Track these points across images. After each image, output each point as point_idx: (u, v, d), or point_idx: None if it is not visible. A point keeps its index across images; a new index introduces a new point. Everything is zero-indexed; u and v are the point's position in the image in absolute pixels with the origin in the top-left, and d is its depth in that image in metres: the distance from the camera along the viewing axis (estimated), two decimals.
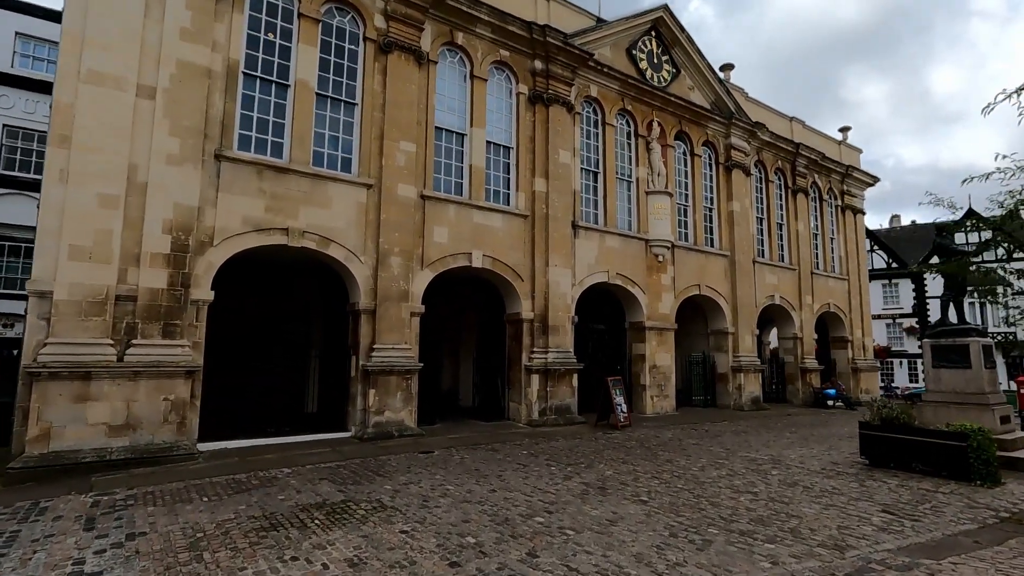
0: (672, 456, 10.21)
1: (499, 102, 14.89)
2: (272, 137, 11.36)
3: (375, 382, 11.64)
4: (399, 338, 12.12)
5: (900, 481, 8.38)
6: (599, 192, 16.77)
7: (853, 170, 25.43)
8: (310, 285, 15.74)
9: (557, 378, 14.34)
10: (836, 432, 14.03)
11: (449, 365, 19.60)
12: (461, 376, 19.16)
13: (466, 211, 13.63)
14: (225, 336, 14.64)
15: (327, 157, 12.00)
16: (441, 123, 13.70)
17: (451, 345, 19.53)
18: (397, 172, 12.49)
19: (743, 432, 13.62)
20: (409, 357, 12.14)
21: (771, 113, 22.49)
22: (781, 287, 21.61)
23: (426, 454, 10.09)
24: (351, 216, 11.92)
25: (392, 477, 8.23)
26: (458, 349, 19.25)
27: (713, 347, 19.82)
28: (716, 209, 20.02)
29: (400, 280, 12.27)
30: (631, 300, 17.17)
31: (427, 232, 12.95)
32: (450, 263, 13.26)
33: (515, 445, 11.19)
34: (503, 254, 14.13)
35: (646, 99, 17.86)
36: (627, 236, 16.91)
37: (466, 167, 13.99)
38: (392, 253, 12.23)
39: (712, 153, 20.17)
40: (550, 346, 14.42)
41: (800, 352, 22.11)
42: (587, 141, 16.75)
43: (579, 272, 15.59)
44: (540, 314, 14.55)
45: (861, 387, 24.28)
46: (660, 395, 17.18)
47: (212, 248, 10.34)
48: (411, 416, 12.04)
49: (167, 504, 6.81)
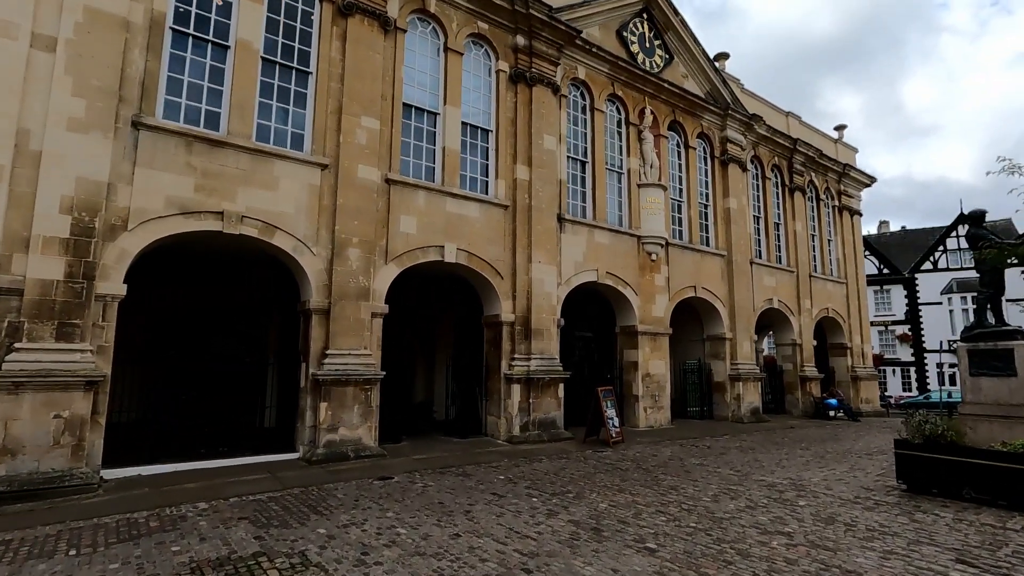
0: (676, 481, 8.64)
1: (477, 80, 13.36)
2: (207, 106, 9.67)
3: (327, 394, 9.92)
4: (357, 342, 10.43)
5: (955, 514, 6.90)
6: (587, 183, 15.29)
7: (850, 169, 24.37)
8: (268, 278, 13.96)
9: (541, 388, 12.73)
10: (852, 448, 12.60)
11: (423, 373, 17.91)
12: (437, 386, 17.45)
13: (438, 199, 12.02)
14: (160, 338, 12.85)
15: (274, 132, 10.34)
16: (410, 99, 12.12)
17: (426, 351, 17.86)
18: (357, 151, 10.86)
19: (750, 449, 12.12)
20: (369, 364, 10.45)
21: (767, 107, 21.30)
22: (779, 290, 20.30)
23: (383, 481, 8.40)
24: (301, 200, 10.25)
25: (332, 515, 6.53)
26: (433, 355, 17.57)
27: (709, 354, 18.38)
28: (712, 206, 18.67)
29: (359, 275, 10.60)
30: (622, 302, 15.66)
31: (392, 221, 11.32)
32: (419, 257, 11.62)
33: (491, 468, 9.54)
34: (480, 248, 12.53)
35: (638, 84, 16.48)
36: (618, 232, 15.43)
37: (438, 150, 12.40)
38: (350, 244, 10.57)
39: (707, 146, 18.86)
40: (533, 352, 12.83)
41: (799, 359, 20.78)
42: (574, 127, 15.28)
43: (565, 270, 14.05)
44: (522, 316, 12.96)
45: (861, 396, 23.02)
46: (654, 406, 15.65)
47: (126, 233, 8.59)
48: (370, 433, 10.33)
49: (16, 560, 5.06)
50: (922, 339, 36.96)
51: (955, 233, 37.45)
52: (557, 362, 13.26)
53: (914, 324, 37.30)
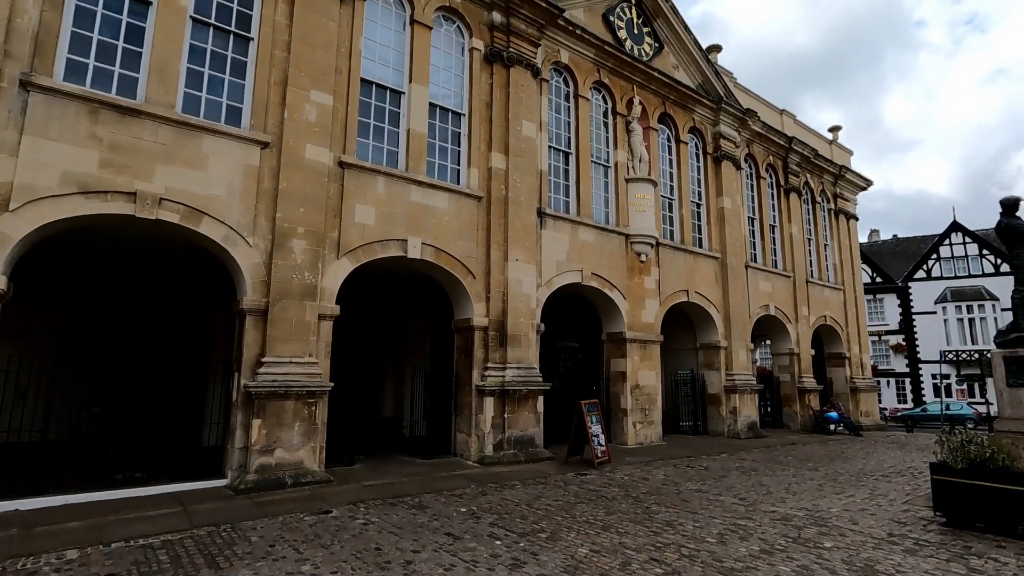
0: (672, 514, 7.22)
1: (448, 58, 12.05)
2: (121, 69, 8.23)
3: (262, 409, 8.40)
4: (300, 349, 8.94)
5: (1017, 559, 5.55)
6: (571, 176, 13.99)
7: (846, 171, 23.38)
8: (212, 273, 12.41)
9: (517, 401, 11.29)
10: (864, 468, 11.27)
11: (393, 385, 16.39)
12: (408, 398, 15.91)
13: (401, 186, 10.63)
14: (82, 342, 11.23)
15: (205, 102, 8.90)
16: (370, 75, 10.77)
17: (396, 360, 16.36)
18: (305, 129, 9.45)
19: (752, 470, 10.74)
20: (314, 374, 8.96)
21: (761, 103, 20.25)
22: (776, 296, 19.10)
23: (318, 516, 6.89)
24: (235, 182, 8.80)
25: (231, 568, 5.03)
26: (404, 365, 16.05)
27: (703, 364, 17.07)
28: (705, 205, 17.47)
29: (305, 271, 9.14)
30: (609, 306, 14.31)
31: (346, 210, 9.89)
32: (377, 252, 10.19)
33: (453, 497, 8.05)
34: (449, 243, 11.13)
35: (626, 72, 15.29)
36: (604, 229, 14.12)
37: (403, 132, 11.04)
38: (294, 234, 9.12)
39: (699, 142, 17.70)
40: (509, 361, 11.40)
41: (797, 370, 19.54)
42: (556, 115, 14.01)
43: (546, 270, 12.68)
44: (497, 320, 11.55)
45: (861, 409, 21.81)
46: (644, 421, 14.25)
47: (8, 214, 7.09)
48: (314, 455, 8.81)
49: None
50: (916, 350, 36.05)
51: (948, 241, 36.76)
52: (536, 372, 11.85)
53: (908, 334, 36.39)
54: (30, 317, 11.13)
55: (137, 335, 12.36)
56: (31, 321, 11.11)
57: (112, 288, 12.73)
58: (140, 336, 12.33)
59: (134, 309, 12.97)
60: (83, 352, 10.06)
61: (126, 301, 12.91)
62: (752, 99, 19.83)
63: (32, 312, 11.30)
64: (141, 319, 12.87)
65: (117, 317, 12.66)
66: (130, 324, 12.63)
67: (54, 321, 11.82)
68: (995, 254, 34.99)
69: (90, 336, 11.66)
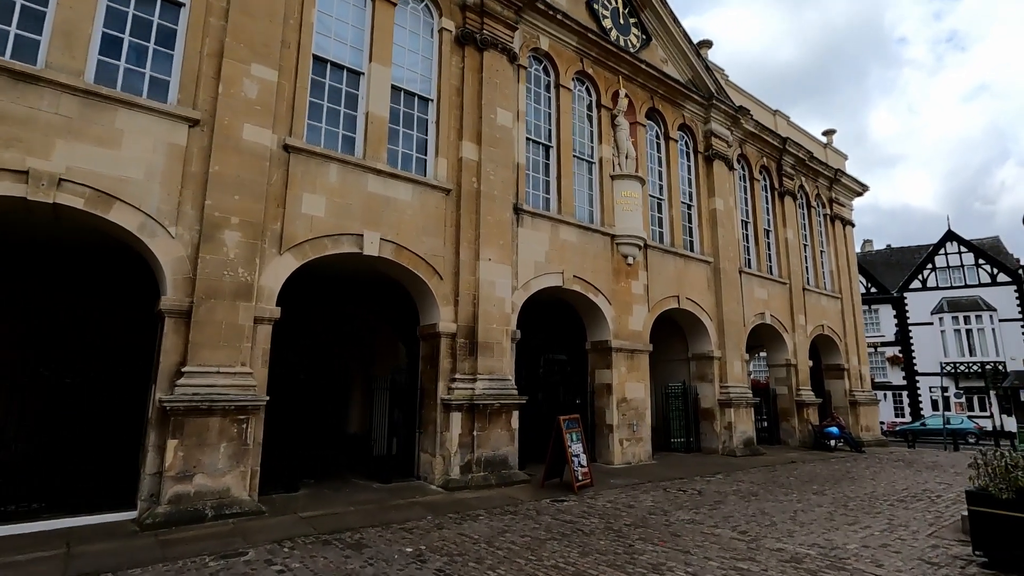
0: (661, 555, 6.01)
1: (414, 38, 11.00)
2: (18, 29, 7.07)
3: (179, 427, 7.15)
4: (231, 356, 7.71)
5: None
6: (551, 171, 12.92)
7: (841, 175, 22.53)
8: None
9: (489, 417, 10.08)
10: (875, 492, 10.11)
11: (361, 398, 15.10)
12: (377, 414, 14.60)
13: (357, 175, 9.49)
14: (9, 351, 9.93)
15: (124, 73, 7.76)
16: (324, 52, 9.68)
17: (364, 371, 15.09)
18: (244, 107, 8.31)
19: (752, 495, 9.55)
20: (246, 386, 7.71)
21: (753, 102, 19.39)
22: (771, 303, 18.06)
23: (227, 561, 5.62)
24: (156, 163, 7.62)
25: None
26: (372, 376, 14.77)
27: (695, 375, 15.92)
28: (696, 206, 16.45)
29: (239, 267, 7.94)
30: (593, 313, 13.17)
31: (292, 200, 8.73)
32: (328, 247, 9.01)
33: (402, 532, 6.80)
34: (412, 240, 9.98)
35: (611, 63, 14.32)
36: (588, 229, 13.03)
37: (361, 116, 9.92)
38: (227, 225, 7.93)
39: (690, 140, 16.75)
40: (480, 371, 10.21)
41: (795, 382, 18.44)
42: (536, 106, 12.98)
43: (523, 271, 11.54)
44: (466, 326, 10.37)
45: (861, 423, 20.69)
46: (632, 438, 13.04)
47: None
48: (244, 482, 7.53)
49: None
50: (913, 362, 35.15)
51: (943, 251, 36.06)
52: (511, 384, 10.65)
53: (904, 346, 35.50)
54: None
55: (74, 339, 11.04)
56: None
57: (46, 285, 11.44)
58: (78, 340, 11.01)
59: (72, 308, 11.67)
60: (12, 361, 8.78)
61: (62, 299, 11.62)
62: (744, 98, 18.97)
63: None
64: (76, 319, 11.56)
65: (51, 318, 11.35)
66: (71, 325, 11.30)
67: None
68: (991, 264, 34.31)
69: (18, 344, 10.34)
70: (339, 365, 15.44)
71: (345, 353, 15.64)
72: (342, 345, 15.52)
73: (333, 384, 15.31)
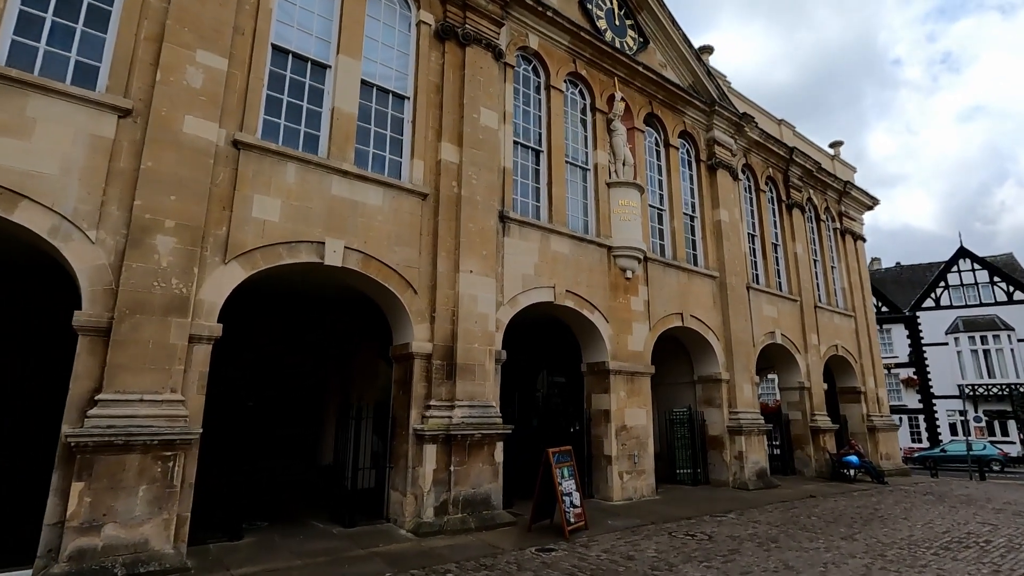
0: None
1: (389, 32, 10.10)
2: None
3: (87, 467, 5.99)
4: (158, 382, 6.58)
5: None
6: (541, 177, 11.92)
7: (851, 187, 21.51)
8: None
9: (468, 450, 8.87)
10: (914, 536, 8.79)
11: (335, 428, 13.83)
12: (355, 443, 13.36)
13: (319, 176, 8.47)
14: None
15: (44, 56, 6.82)
16: (285, 42, 8.76)
17: (342, 396, 13.88)
18: (186, 97, 7.34)
19: (771, 541, 8.26)
20: (174, 416, 6.56)
21: (757, 111, 18.48)
22: (782, 322, 16.87)
23: None
24: (76, 158, 6.62)
25: None
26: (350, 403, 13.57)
27: (702, 400, 14.66)
28: (699, 218, 15.41)
29: (172, 277, 6.86)
30: (589, 331, 12.02)
31: (240, 201, 7.69)
32: (283, 256, 7.94)
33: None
34: (383, 249, 8.91)
35: (606, 64, 13.43)
36: (582, 240, 11.97)
37: (326, 112, 8.96)
38: (159, 229, 6.88)
39: (691, 148, 15.79)
40: (459, 397, 9.04)
41: (809, 407, 17.12)
42: (525, 108, 12.05)
43: (510, 286, 10.44)
44: (444, 346, 9.23)
45: (880, 451, 19.25)
46: (633, 471, 11.76)
47: None
48: (168, 531, 6.33)
49: None
50: (929, 384, 33.65)
51: (956, 268, 34.88)
52: (494, 411, 9.46)
53: (919, 367, 34.04)
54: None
55: None
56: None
57: None
58: None
59: None
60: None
61: None
62: (748, 106, 18.07)
63: None
64: None
65: None
66: None
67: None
68: (1007, 281, 33.06)
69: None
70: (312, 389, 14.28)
71: (319, 376, 14.48)
72: (314, 367, 14.36)
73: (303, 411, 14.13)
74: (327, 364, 14.48)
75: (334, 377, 14.40)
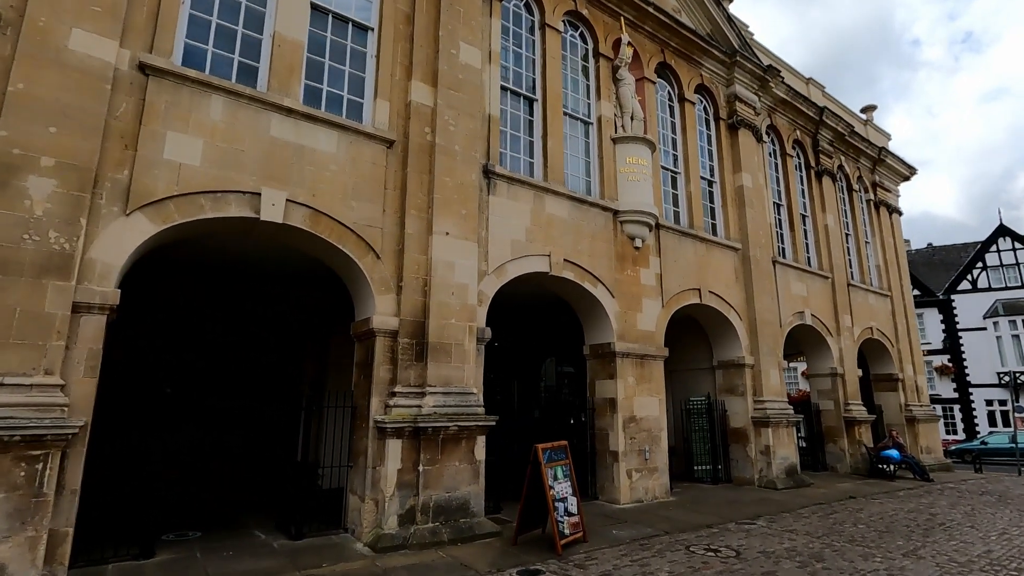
0: None
1: None
2: None
3: None
4: (27, 361, 5.13)
5: None
6: (535, 130, 10.29)
7: (886, 154, 19.53)
8: None
9: (441, 445, 7.35)
10: (992, 551, 7.10)
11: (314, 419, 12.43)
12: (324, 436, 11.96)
13: (254, 113, 6.94)
14: None
15: None
16: None
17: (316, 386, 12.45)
18: (73, 6, 5.86)
19: (815, 559, 6.64)
20: (48, 406, 5.12)
21: (783, 67, 16.57)
22: (812, 301, 15.08)
23: None
24: None
25: None
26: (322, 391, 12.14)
27: (723, 387, 13.00)
28: (719, 183, 13.66)
29: (50, 228, 5.40)
30: (591, 308, 10.42)
31: (148, 139, 6.19)
32: (205, 209, 6.44)
33: None
34: (336, 204, 7.38)
35: (611, 4, 11.71)
36: (583, 202, 10.34)
37: (267, 39, 7.42)
38: (33, 168, 5.41)
39: (709, 104, 14.02)
40: (430, 382, 7.51)
41: (842, 395, 15.36)
42: (516, 49, 10.41)
43: (495, 252, 8.86)
44: (413, 321, 7.70)
45: (920, 444, 17.43)
46: (644, 468, 10.18)
47: None
48: (34, 551, 4.90)
49: None
50: (965, 372, 31.45)
51: (995, 247, 32.49)
52: (475, 399, 7.91)
53: (955, 354, 31.82)
54: None
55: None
56: None
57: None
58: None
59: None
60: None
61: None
62: (772, 60, 16.20)
63: None
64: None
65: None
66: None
67: None
68: None
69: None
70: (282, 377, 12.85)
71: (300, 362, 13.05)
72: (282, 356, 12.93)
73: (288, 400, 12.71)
74: (300, 350, 13.04)
75: (309, 364, 12.96)
